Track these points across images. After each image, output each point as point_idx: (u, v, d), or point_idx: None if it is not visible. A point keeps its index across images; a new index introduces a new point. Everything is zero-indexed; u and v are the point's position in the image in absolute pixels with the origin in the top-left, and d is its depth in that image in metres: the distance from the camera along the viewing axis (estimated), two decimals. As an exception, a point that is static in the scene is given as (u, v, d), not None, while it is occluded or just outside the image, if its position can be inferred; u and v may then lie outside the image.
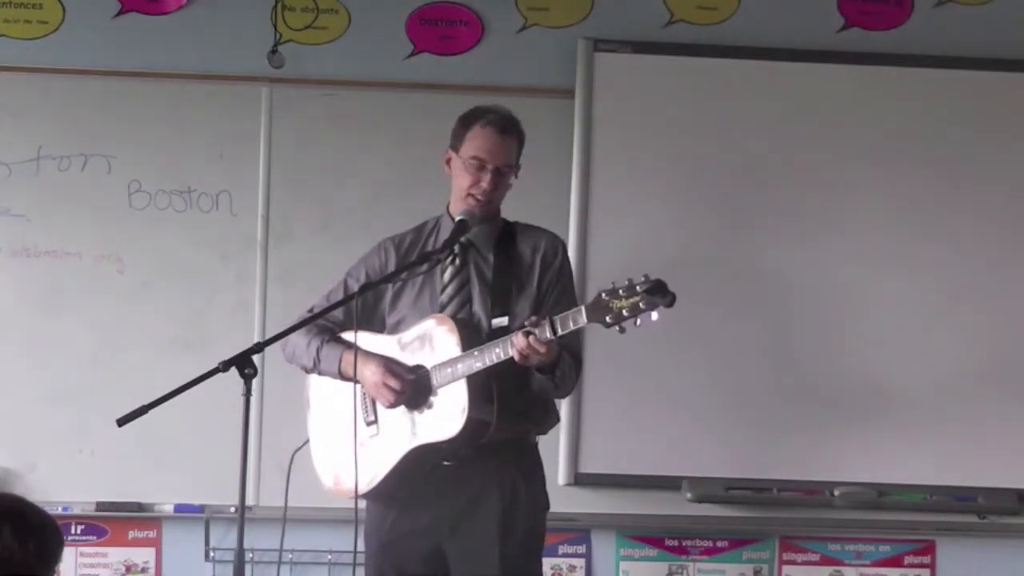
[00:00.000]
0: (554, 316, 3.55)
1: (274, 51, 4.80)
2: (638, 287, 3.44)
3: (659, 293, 3.41)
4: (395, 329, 3.87)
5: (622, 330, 3.47)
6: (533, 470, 3.89)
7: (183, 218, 4.76)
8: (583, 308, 3.52)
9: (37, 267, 4.73)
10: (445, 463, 3.77)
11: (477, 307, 3.82)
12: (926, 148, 4.84)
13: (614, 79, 4.79)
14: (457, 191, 3.86)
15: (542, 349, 3.55)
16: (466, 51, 4.87)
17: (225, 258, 4.77)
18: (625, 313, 3.44)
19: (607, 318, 3.46)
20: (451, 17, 4.87)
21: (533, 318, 3.58)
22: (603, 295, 3.48)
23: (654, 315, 3.43)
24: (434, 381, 3.72)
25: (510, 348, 3.58)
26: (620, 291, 3.46)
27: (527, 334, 3.54)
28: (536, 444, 3.91)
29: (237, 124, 4.77)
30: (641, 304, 3.42)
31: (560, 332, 3.54)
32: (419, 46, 4.86)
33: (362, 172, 4.78)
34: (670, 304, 3.43)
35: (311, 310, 3.93)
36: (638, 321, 3.44)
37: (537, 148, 4.32)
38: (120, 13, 4.80)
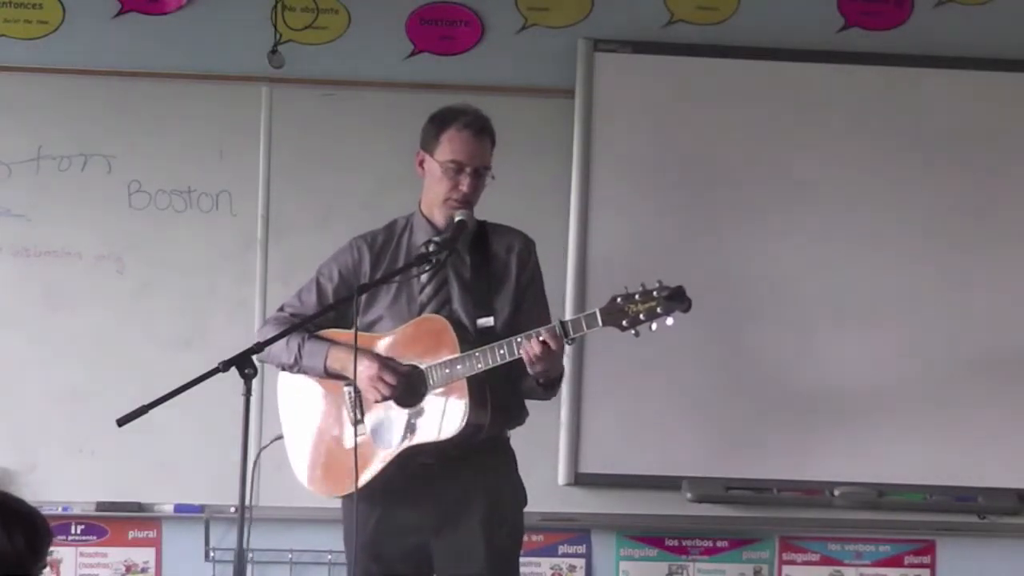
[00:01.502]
0: (566, 320, 3.62)
1: (274, 51, 4.80)
2: (655, 292, 3.51)
3: (677, 299, 3.50)
4: (370, 329, 3.86)
5: (637, 334, 3.53)
6: (511, 466, 3.91)
7: (183, 218, 4.76)
8: (598, 312, 3.57)
9: (37, 267, 4.73)
10: (427, 462, 3.76)
11: (457, 307, 3.83)
12: (925, 148, 4.84)
13: (614, 79, 4.79)
14: (434, 195, 3.86)
15: (554, 347, 3.59)
16: (466, 51, 4.87)
17: (225, 258, 4.77)
18: (642, 317, 3.53)
19: (623, 322, 3.54)
20: (451, 17, 4.87)
21: (549, 326, 3.61)
22: (618, 299, 3.55)
23: (669, 320, 3.52)
24: (430, 381, 3.72)
25: (516, 349, 3.61)
26: (636, 296, 3.53)
27: (543, 341, 3.57)
28: (508, 440, 3.92)
29: (237, 124, 4.77)
30: (659, 309, 3.51)
31: (572, 335, 3.59)
32: (419, 46, 4.86)
33: (362, 172, 4.78)
34: (687, 309, 3.51)
35: (281, 308, 3.95)
36: (654, 325, 3.51)
37: (537, 148, 4.33)
38: (120, 13, 4.80)
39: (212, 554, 4.76)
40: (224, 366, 3.46)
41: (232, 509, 4.50)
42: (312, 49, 4.83)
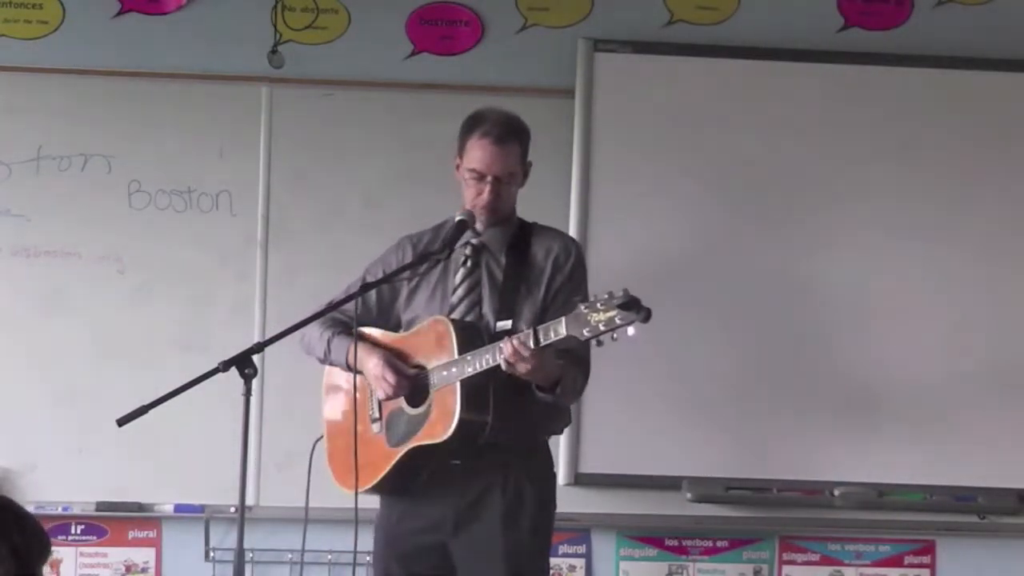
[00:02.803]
0: (537, 326, 3.56)
1: (274, 51, 4.80)
2: (614, 301, 3.43)
3: (634, 308, 3.40)
4: (409, 327, 3.89)
5: (599, 343, 3.47)
6: (541, 470, 3.89)
7: (183, 218, 4.76)
8: (563, 319, 3.51)
9: (37, 267, 4.73)
10: (454, 462, 3.76)
11: (487, 309, 3.82)
12: (925, 148, 4.84)
13: (614, 79, 4.79)
14: (466, 200, 3.86)
15: (526, 353, 3.55)
16: (466, 51, 4.87)
17: (225, 258, 4.77)
18: (602, 327, 3.44)
19: (584, 331, 3.46)
20: (451, 17, 4.87)
21: (521, 326, 3.60)
22: (583, 307, 3.48)
23: (630, 330, 3.42)
24: (431, 383, 3.73)
25: (498, 355, 3.59)
26: (598, 304, 3.45)
27: (515, 341, 3.55)
28: (546, 444, 3.91)
29: (237, 124, 4.77)
30: (617, 319, 3.41)
31: (543, 342, 3.54)
32: (419, 46, 4.86)
33: (362, 172, 4.78)
34: (645, 320, 3.40)
35: (330, 303, 3.95)
36: (615, 335, 3.44)
37: (537, 148, 4.30)
38: (120, 13, 4.81)
39: (212, 554, 4.76)
40: (224, 366, 3.47)
41: (232, 509, 4.51)
42: (312, 49, 4.84)
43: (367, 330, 3.87)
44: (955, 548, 4.95)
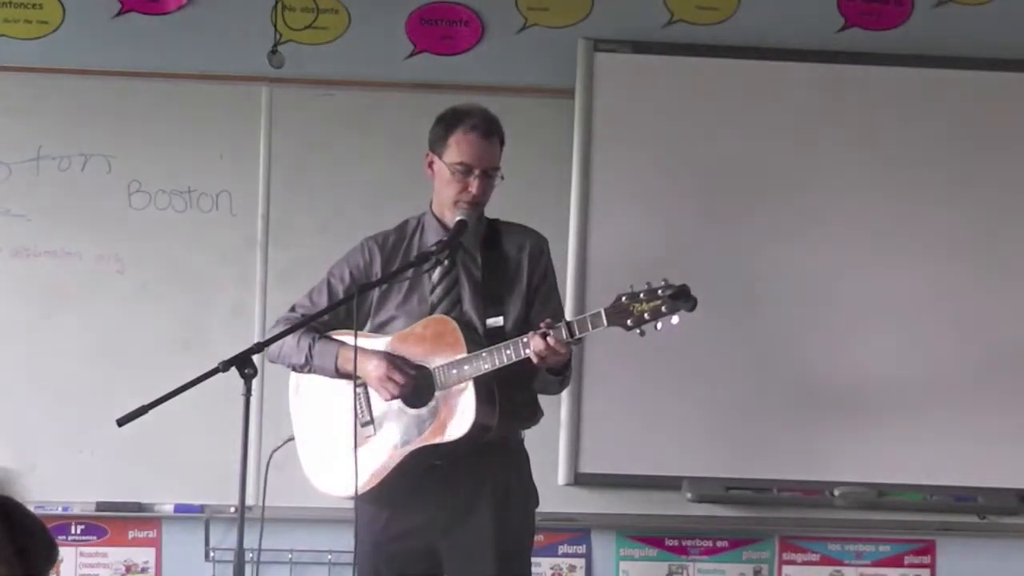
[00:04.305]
0: (571, 320, 3.60)
1: (274, 51, 4.80)
2: (660, 291, 3.50)
3: (683, 298, 3.49)
4: (381, 329, 3.87)
5: (643, 333, 3.52)
6: (522, 467, 3.90)
7: (183, 218, 4.76)
8: (603, 311, 3.56)
9: (37, 267, 4.73)
10: (436, 463, 3.76)
11: (468, 307, 3.82)
12: (925, 148, 4.84)
13: (614, 79, 4.79)
14: (444, 197, 3.85)
15: (562, 350, 3.58)
16: (466, 51, 4.87)
17: (225, 258, 4.77)
18: (647, 317, 3.51)
19: (628, 321, 3.52)
20: (451, 17, 4.87)
21: (548, 320, 3.61)
22: (623, 298, 3.53)
23: (675, 319, 3.51)
24: (438, 382, 3.72)
25: (523, 349, 3.59)
26: (641, 295, 3.52)
27: (545, 336, 3.56)
28: (522, 440, 3.92)
29: (237, 124, 4.77)
30: (664, 308, 3.50)
31: (578, 335, 3.58)
32: (419, 46, 4.86)
33: (362, 172, 4.78)
34: (692, 308, 3.50)
35: (293, 308, 3.94)
36: (659, 325, 3.50)
37: (537, 148, 4.33)
38: (120, 13, 4.81)
39: (212, 554, 4.77)
40: (224, 366, 3.47)
41: (232, 509, 4.51)
42: (312, 49, 4.84)
43: (342, 333, 3.84)
44: (955, 548, 4.95)
